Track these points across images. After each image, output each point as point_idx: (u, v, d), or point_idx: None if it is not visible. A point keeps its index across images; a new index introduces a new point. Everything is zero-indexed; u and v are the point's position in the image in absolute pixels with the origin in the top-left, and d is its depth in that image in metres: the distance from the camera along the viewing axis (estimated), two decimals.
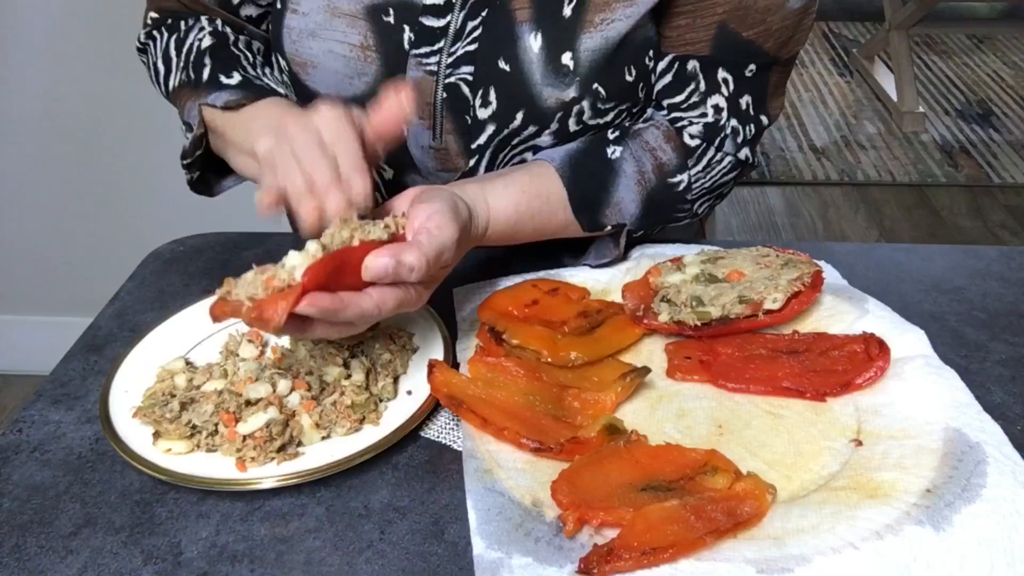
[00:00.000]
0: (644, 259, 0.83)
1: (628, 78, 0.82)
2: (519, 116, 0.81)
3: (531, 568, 0.54)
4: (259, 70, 0.85)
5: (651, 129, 0.85)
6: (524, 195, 0.78)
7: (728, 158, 0.86)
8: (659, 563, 0.53)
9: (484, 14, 0.80)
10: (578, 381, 0.70)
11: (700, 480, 0.59)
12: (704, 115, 0.84)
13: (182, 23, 0.87)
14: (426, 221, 0.66)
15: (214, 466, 0.62)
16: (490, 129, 0.83)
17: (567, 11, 0.79)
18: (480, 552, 0.55)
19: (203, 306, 0.78)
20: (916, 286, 0.84)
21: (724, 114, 0.84)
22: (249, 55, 0.86)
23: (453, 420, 0.67)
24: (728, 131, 0.85)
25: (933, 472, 0.59)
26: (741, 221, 2.75)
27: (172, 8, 0.89)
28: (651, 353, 0.74)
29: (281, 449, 0.63)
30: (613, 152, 0.83)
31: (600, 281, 0.82)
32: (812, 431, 0.65)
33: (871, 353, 0.69)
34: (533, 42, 0.79)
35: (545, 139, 0.83)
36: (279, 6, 0.84)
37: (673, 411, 0.68)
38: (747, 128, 0.86)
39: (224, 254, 0.91)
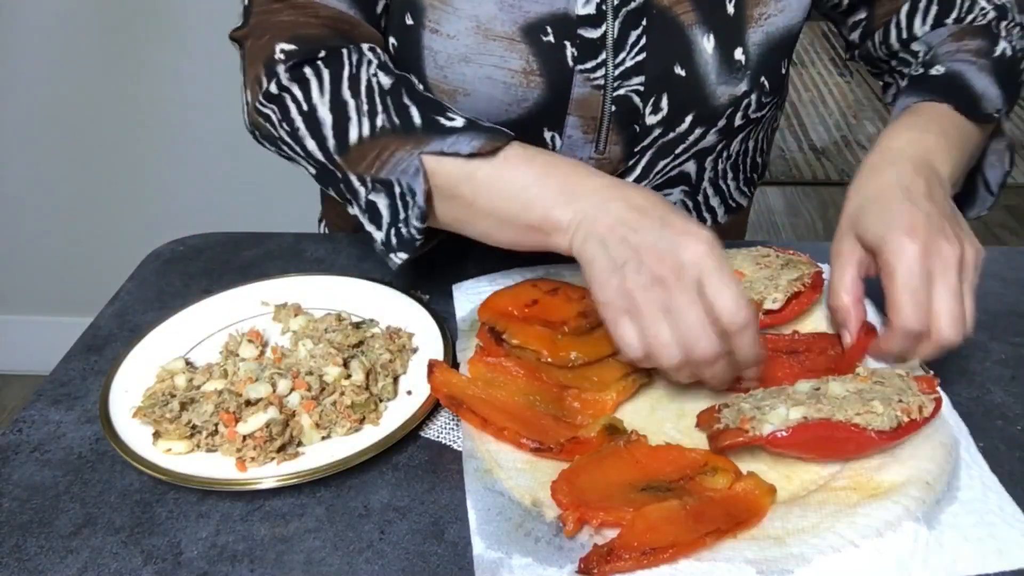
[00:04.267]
0: None
1: (783, 71, 0.84)
2: (688, 119, 0.81)
3: (531, 568, 0.54)
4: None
5: (934, 50, 0.83)
6: (952, 140, 0.74)
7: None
8: (659, 563, 0.53)
9: (645, 23, 0.77)
10: (578, 381, 0.69)
11: (700, 480, 0.59)
12: (984, 10, 0.84)
13: (342, 54, 0.73)
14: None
15: (214, 466, 0.62)
16: (656, 132, 0.82)
17: (730, 9, 0.79)
18: (480, 552, 0.55)
19: (203, 306, 0.78)
20: None
21: None
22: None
23: (453, 420, 0.67)
24: (1013, 10, 0.84)
25: (932, 464, 0.60)
26: None
27: (317, 36, 0.73)
28: None
29: (281, 449, 0.63)
30: (936, 70, 0.79)
31: None
32: None
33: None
34: (707, 44, 0.78)
35: (711, 138, 0.84)
36: (410, 21, 0.76)
37: (673, 411, 0.68)
38: (1017, 9, 0.85)
39: (224, 254, 0.91)
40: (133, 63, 1.71)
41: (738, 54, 0.79)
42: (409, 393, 0.69)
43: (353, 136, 0.70)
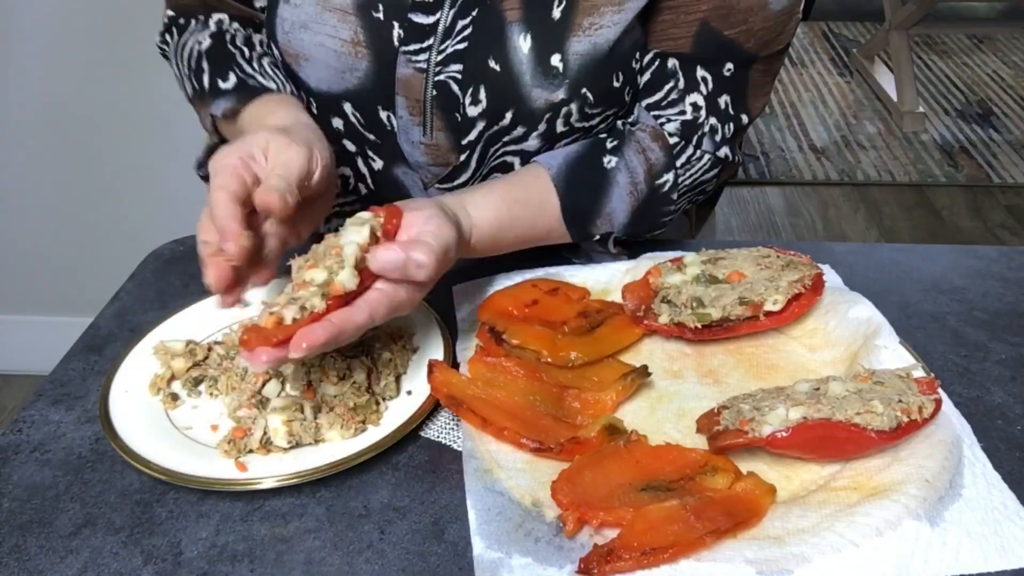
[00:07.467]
0: (644, 259, 0.83)
1: (615, 84, 0.82)
2: (508, 115, 0.82)
3: (531, 568, 0.54)
4: (255, 64, 0.83)
5: (640, 131, 0.85)
6: (504, 202, 0.79)
7: (707, 156, 0.86)
8: (659, 563, 0.53)
9: (474, 13, 0.80)
10: (578, 381, 0.70)
11: (700, 480, 0.59)
12: (683, 112, 0.84)
13: (192, 22, 0.87)
14: (424, 224, 0.67)
15: (214, 466, 0.62)
16: (480, 126, 0.83)
17: (556, 13, 0.78)
18: (480, 552, 0.55)
19: (203, 306, 0.78)
20: (916, 286, 0.84)
21: (702, 112, 0.84)
22: (246, 50, 0.85)
23: (453, 420, 0.67)
24: (706, 129, 0.84)
25: (931, 461, 0.60)
26: (741, 221, 2.75)
27: (188, 4, 0.88)
28: (651, 353, 0.74)
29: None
30: (609, 162, 0.83)
31: (600, 281, 0.82)
32: None
33: None
34: (523, 43, 0.79)
35: (533, 141, 0.84)
36: None
37: (673, 411, 0.68)
38: (726, 127, 0.85)
39: None
40: (133, 63, 1.71)
41: (555, 60, 0.79)
42: (409, 393, 0.69)
43: (188, 94, 0.86)
